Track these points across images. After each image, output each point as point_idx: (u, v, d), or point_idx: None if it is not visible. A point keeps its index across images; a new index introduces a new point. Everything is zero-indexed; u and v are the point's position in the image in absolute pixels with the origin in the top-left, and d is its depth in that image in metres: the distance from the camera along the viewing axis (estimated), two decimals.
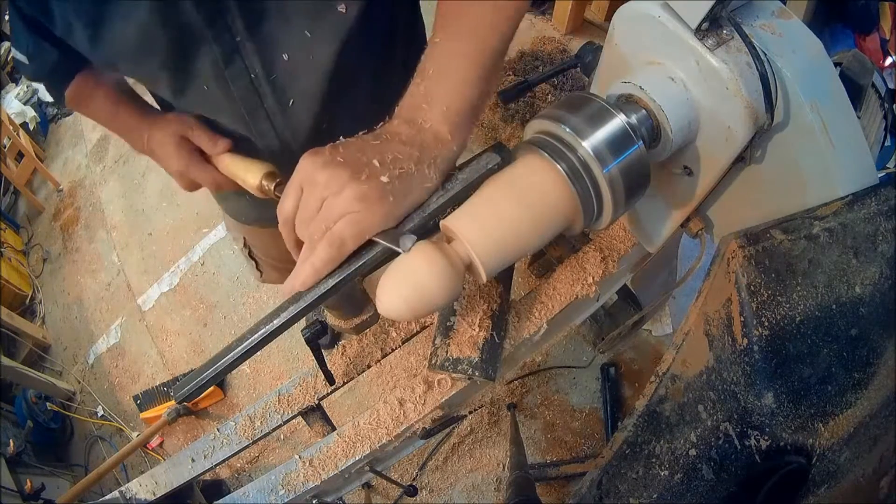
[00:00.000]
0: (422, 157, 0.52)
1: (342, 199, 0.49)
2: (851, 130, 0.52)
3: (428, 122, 0.53)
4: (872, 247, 0.50)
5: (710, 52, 0.49)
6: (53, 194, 3.42)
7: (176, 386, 0.54)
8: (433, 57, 0.55)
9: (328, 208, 0.50)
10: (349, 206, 0.49)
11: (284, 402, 0.82)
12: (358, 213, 0.49)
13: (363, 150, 0.51)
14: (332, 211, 0.49)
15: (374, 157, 0.50)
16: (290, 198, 0.52)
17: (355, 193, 0.48)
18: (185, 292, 2.64)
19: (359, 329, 0.74)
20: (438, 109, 0.53)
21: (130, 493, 0.83)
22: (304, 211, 0.52)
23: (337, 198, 0.49)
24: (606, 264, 0.73)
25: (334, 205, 0.49)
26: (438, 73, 0.55)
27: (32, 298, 3.05)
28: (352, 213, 0.49)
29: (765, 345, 0.49)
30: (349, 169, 0.49)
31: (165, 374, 2.48)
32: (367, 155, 0.51)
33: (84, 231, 3.14)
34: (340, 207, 0.49)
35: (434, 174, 0.52)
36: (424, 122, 0.53)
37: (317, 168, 0.50)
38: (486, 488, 1.88)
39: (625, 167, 0.50)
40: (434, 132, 0.53)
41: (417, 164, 0.51)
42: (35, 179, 3.54)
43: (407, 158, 0.51)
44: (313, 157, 0.51)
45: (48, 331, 2.93)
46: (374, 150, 0.51)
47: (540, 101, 2.36)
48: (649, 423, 0.56)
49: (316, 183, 0.50)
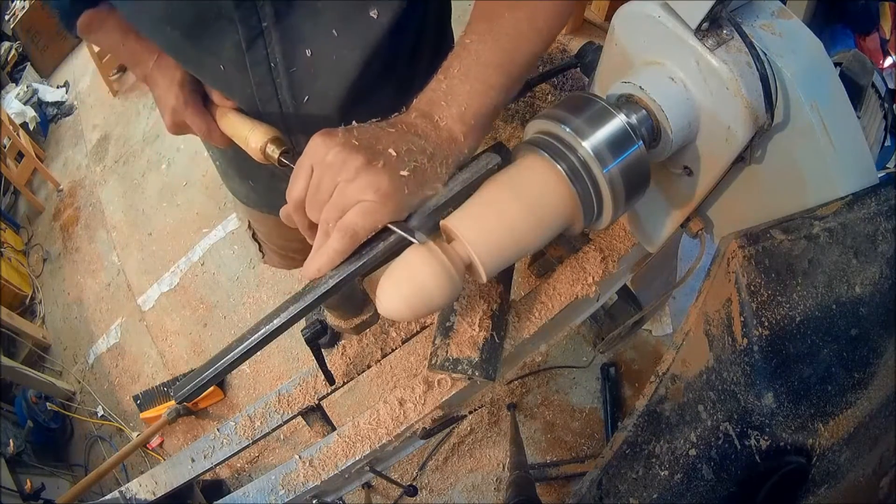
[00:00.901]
0: (434, 153, 0.51)
1: (356, 186, 0.48)
2: (851, 130, 0.52)
3: (444, 121, 0.53)
4: (872, 247, 0.50)
5: (710, 52, 0.49)
6: (53, 194, 3.42)
7: (176, 386, 0.54)
8: (460, 57, 0.55)
9: (341, 194, 0.48)
10: (363, 194, 0.48)
11: (284, 402, 0.82)
12: (371, 203, 0.48)
13: (379, 138, 0.50)
14: (345, 197, 0.48)
15: (389, 146, 0.49)
16: (301, 179, 0.51)
17: (370, 182, 0.47)
18: (185, 292, 2.64)
19: (359, 329, 0.74)
20: (457, 110, 0.53)
21: (130, 493, 0.83)
22: (315, 193, 0.50)
23: (351, 184, 0.48)
24: (606, 264, 0.73)
25: (348, 191, 0.48)
26: (463, 74, 0.54)
27: (32, 298, 3.05)
28: (365, 201, 0.48)
29: (765, 345, 0.49)
30: (365, 155, 0.48)
31: (165, 374, 2.48)
32: (382, 143, 0.50)
33: (84, 231, 3.14)
34: (353, 195, 0.48)
35: (444, 173, 0.52)
36: (441, 119, 0.53)
37: (330, 149, 0.49)
38: (486, 488, 1.88)
39: (625, 167, 0.50)
40: (449, 131, 0.53)
41: (430, 160, 0.51)
42: (35, 179, 3.55)
43: (421, 153, 0.50)
44: (326, 138, 0.50)
45: (48, 331, 2.93)
46: (389, 139, 0.50)
47: (540, 101, 2.36)
48: (649, 423, 0.56)
49: (328, 165, 0.49)
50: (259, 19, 0.61)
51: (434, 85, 0.55)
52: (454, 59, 0.55)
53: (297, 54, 0.64)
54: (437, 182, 0.52)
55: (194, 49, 0.64)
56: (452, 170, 0.53)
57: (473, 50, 0.55)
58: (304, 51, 0.64)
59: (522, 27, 0.55)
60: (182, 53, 0.66)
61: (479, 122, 0.54)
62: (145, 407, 2.31)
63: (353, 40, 0.64)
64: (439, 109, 0.53)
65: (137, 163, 3.20)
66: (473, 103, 0.53)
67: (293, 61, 0.65)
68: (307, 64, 0.65)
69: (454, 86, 0.54)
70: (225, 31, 0.61)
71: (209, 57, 0.65)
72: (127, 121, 3.45)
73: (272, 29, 0.62)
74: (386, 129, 0.52)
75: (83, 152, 3.51)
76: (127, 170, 3.22)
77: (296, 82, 0.67)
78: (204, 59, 0.65)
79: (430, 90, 0.55)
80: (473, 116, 0.53)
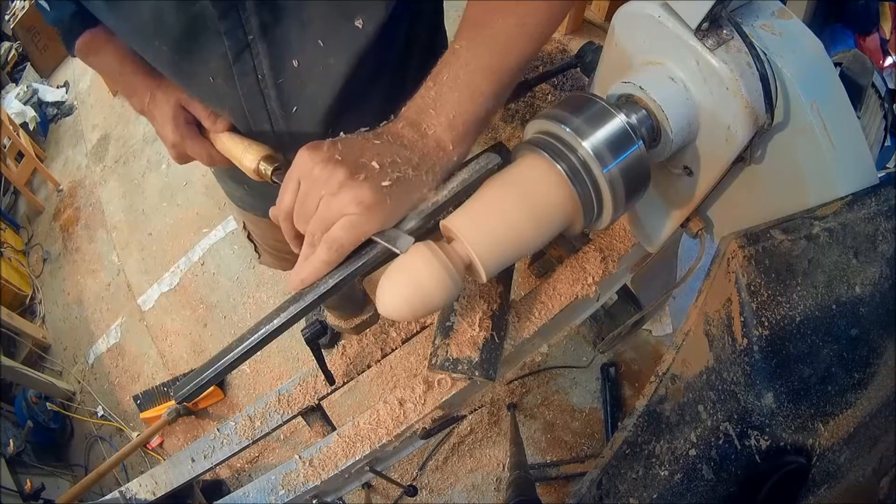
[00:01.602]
0: (420, 163, 0.52)
1: (339, 200, 0.49)
2: (851, 130, 0.52)
3: (432, 129, 0.53)
4: (872, 247, 0.50)
5: (710, 52, 0.49)
6: (53, 194, 3.42)
7: (176, 386, 0.54)
8: (450, 64, 0.55)
9: (325, 207, 0.50)
10: (346, 207, 0.49)
11: (284, 402, 0.82)
12: (354, 216, 0.49)
13: (362, 150, 0.51)
14: (329, 211, 0.49)
15: (372, 158, 0.50)
16: (289, 192, 0.52)
17: (352, 196, 0.48)
18: (185, 292, 2.64)
19: (359, 329, 0.74)
20: (445, 117, 0.53)
21: (130, 493, 0.83)
22: (301, 206, 0.52)
23: (334, 198, 0.49)
24: (606, 264, 0.73)
25: (332, 205, 0.49)
26: (452, 81, 0.54)
27: (32, 298, 3.05)
28: (348, 215, 0.49)
29: (765, 345, 0.49)
30: (347, 168, 0.49)
31: (165, 374, 2.48)
32: (365, 155, 0.50)
33: (84, 231, 3.14)
34: (337, 208, 0.49)
35: (431, 180, 0.52)
36: (429, 127, 0.53)
37: (315, 164, 0.50)
38: (486, 488, 1.88)
39: (625, 167, 0.50)
40: (437, 139, 0.53)
41: (416, 169, 0.51)
42: (35, 179, 3.54)
43: (405, 163, 0.51)
44: (311, 152, 0.51)
45: (48, 331, 2.93)
46: (373, 151, 0.51)
47: (540, 100, 2.36)
48: (649, 423, 0.56)
49: (314, 179, 0.50)
50: (245, 32, 0.61)
51: (423, 92, 0.55)
52: (444, 65, 0.55)
53: (285, 65, 0.65)
54: (424, 189, 0.52)
55: (184, 62, 0.65)
56: (441, 177, 0.53)
57: (463, 56, 0.54)
58: (292, 61, 0.64)
59: (513, 33, 0.54)
60: (172, 67, 0.67)
61: (468, 129, 0.54)
62: (145, 407, 2.31)
63: (339, 50, 0.64)
64: (428, 118, 0.53)
65: (137, 163, 3.20)
66: (462, 111, 0.53)
67: (280, 72, 0.65)
68: (294, 74, 0.66)
69: (443, 93, 0.54)
70: (212, 43, 0.62)
71: (199, 69, 0.66)
72: (127, 121, 3.45)
73: (258, 41, 0.62)
74: (371, 140, 0.52)
75: (83, 152, 3.51)
76: (127, 170, 3.22)
77: (284, 92, 0.68)
78: (194, 71, 0.66)
79: (419, 98, 0.55)
80: (463, 124, 0.53)
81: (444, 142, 0.53)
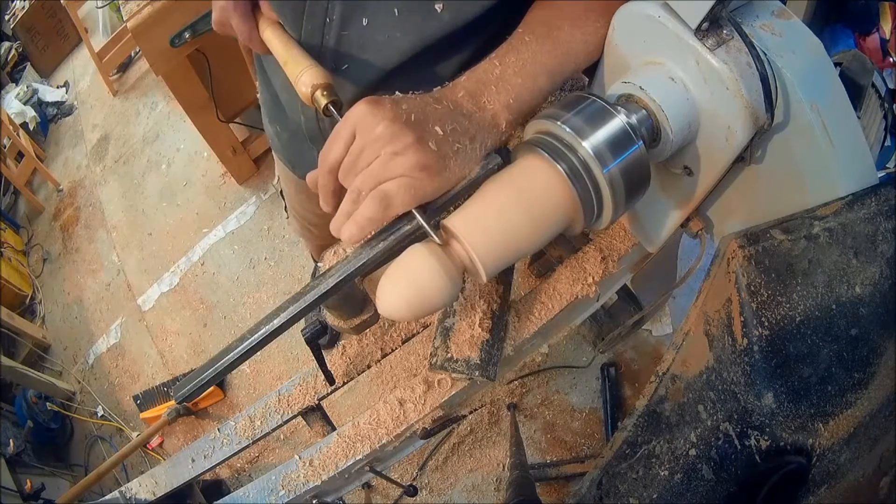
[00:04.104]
0: (476, 135, 0.51)
1: (403, 161, 0.47)
2: (851, 130, 0.52)
3: (491, 104, 0.53)
4: (872, 247, 0.50)
5: (710, 52, 0.49)
6: (53, 194, 3.42)
7: (176, 386, 0.54)
8: (518, 50, 0.55)
9: (383, 165, 0.48)
10: (409, 170, 0.47)
11: (284, 402, 0.82)
12: (416, 181, 0.48)
13: (427, 115, 0.50)
14: (386, 169, 0.48)
15: (436, 123, 0.49)
16: (340, 145, 0.50)
17: (417, 159, 0.47)
18: (185, 292, 2.64)
19: (359, 329, 0.74)
20: (505, 98, 0.53)
21: (130, 493, 0.83)
22: (355, 159, 0.49)
23: (398, 158, 0.47)
24: (606, 264, 0.73)
25: (391, 164, 0.48)
26: (519, 67, 0.54)
27: (32, 298, 3.05)
28: (410, 177, 0.48)
29: (765, 345, 0.49)
30: (416, 132, 0.48)
31: (165, 374, 2.48)
32: (430, 120, 0.49)
33: (84, 231, 3.14)
34: (398, 168, 0.48)
35: (482, 156, 0.52)
36: (488, 102, 0.53)
37: (380, 121, 0.48)
38: (486, 488, 1.88)
39: (625, 167, 0.50)
40: (494, 115, 0.53)
41: (472, 141, 0.51)
42: (35, 179, 3.54)
43: (464, 133, 0.50)
44: (374, 108, 0.49)
45: (48, 331, 2.93)
46: (436, 116, 0.50)
47: None
48: (649, 423, 0.56)
49: (376, 136, 0.48)
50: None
51: (487, 66, 0.55)
52: (511, 50, 0.55)
53: (354, 19, 0.63)
54: (473, 163, 0.52)
55: None
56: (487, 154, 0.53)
57: (532, 48, 0.55)
58: (362, 18, 0.62)
59: (577, 43, 0.57)
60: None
61: (519, 117, 0.54)
62: (145, 407, 2.31)
63: (409, 25, 0.62)
64: (488, 93, 0.53)
65: (137, 163, 3.20)
66: (521, 98, 0.54)
67: (348, 24, 0.63)
68: (359, 33, 0.64)
69: (508, 75, 0.54)
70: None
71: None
72: (127, 121, 3.45)
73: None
74: (432, 104, 0.51)
75: (83, 152, 3.51)
76: (127, 170, 3.21)
77: (343, 45, 0.65)
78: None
79: (480, 71, 0.55)
80: (518, 110, 0.54)
81: (500, 120, 0.53)
